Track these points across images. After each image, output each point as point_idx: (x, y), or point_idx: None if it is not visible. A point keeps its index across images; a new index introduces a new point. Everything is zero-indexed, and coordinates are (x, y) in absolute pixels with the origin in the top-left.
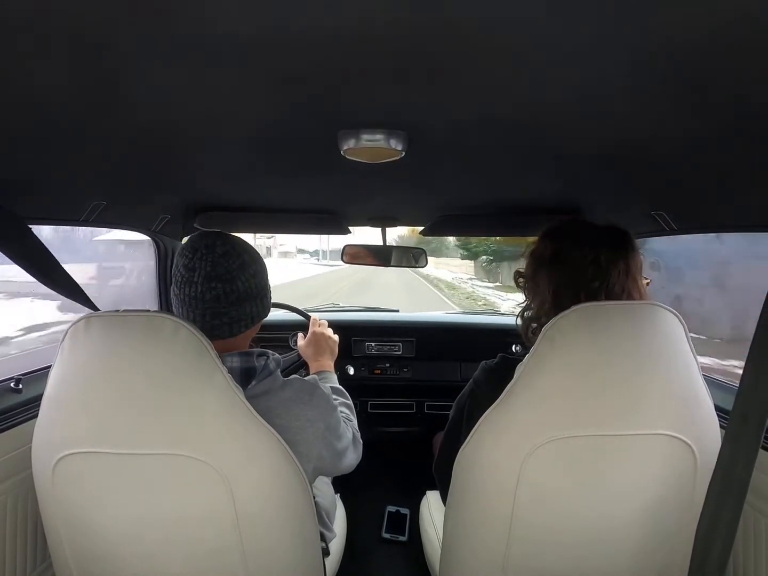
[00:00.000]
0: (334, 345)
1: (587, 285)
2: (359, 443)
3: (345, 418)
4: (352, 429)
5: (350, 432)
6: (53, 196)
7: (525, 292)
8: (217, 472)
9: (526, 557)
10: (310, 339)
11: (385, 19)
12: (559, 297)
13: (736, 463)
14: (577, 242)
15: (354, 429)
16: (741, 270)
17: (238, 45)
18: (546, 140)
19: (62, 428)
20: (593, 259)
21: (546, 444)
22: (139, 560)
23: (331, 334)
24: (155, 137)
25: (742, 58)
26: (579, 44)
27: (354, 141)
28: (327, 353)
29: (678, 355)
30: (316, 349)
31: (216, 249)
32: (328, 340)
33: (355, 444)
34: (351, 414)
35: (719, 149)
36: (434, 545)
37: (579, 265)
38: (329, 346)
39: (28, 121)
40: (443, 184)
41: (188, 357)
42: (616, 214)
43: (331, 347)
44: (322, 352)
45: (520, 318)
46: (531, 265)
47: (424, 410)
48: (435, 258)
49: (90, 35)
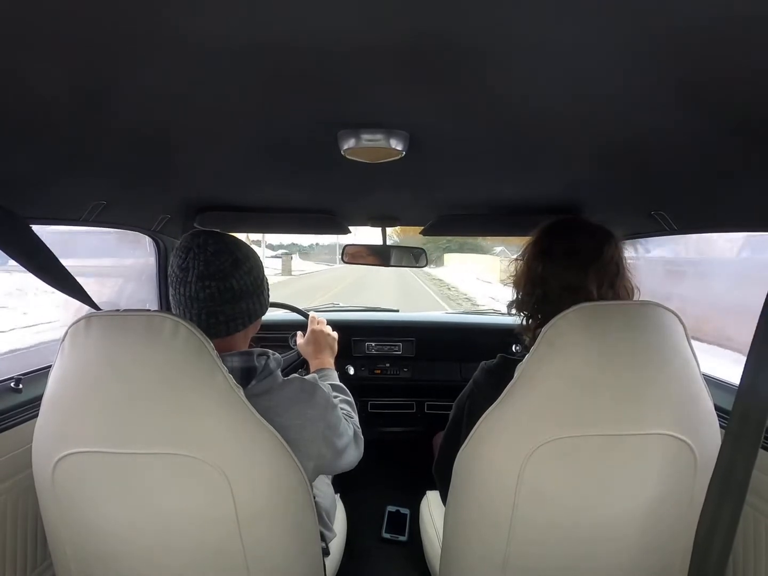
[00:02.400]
0: (334, 342)
1: (575, 283)
2: (360, 439)
3: (346, 415)
4: (353, 425)
5: (351, 429)
6: (53, 195)
7: (514, 289)
8: (217, 472)
9: (526, 557)
10: (309, 337)
11: (386, 19)
12: (547, 295)
13: (736, 463)
14: (563, 240)
15: (355, 425)
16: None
17: (239, 45)
18: (546, 140)
19: (62, 428)
20: (578, 257)
21: (546, 444)
22: (139, 560)
23: (330, 332)
24: (155, 137)
25: (742, 58)
26: (578, 45)
27: (354, 141)
28: (327, 350)
29: (678, 354)
30: (315, 347)
31: (208, 248)
32: (327, 337)
33: (356, 441)
34: (352, 410)
35: (719, 149)
36: (434, 545)
37: (564, 264)
38: (329, 343)
39: (28, 121)
40: (443, 184)
41: (188, 356)
42: (617, 214)
43: (331, 344)
44: (322, 350)
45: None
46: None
47: (424, 410)
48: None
49: (90, 36)
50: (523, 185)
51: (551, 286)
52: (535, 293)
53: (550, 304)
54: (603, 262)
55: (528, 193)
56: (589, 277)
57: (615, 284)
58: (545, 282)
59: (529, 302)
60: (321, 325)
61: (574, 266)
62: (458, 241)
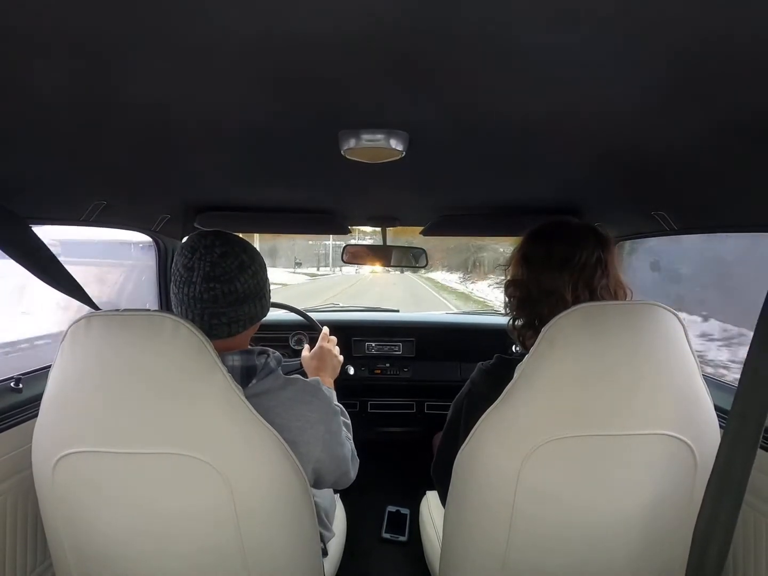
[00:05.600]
0: (338, 365)
1: (550, 287)
2: (356, 460)
3: (344, 435)
4: (350, 444)
5: (350, 444)
6: (53, 195)
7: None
8: (217, 471)
9: (525, 557)
10: (316, 352)
11: (386, 19)
12: (528, 298)
13: (734, 463)
14: (540, 246)
15: (351, 446)
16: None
17: (238, 45)
18: (546, 140)
19: (62, 428)
20: (550, 261)
21: (546, 444)
22: (139, 559)
23: (337, 354)
24: (155, 137)
25: (741, 58)
26: (578, 46)
27: (354, 141)
28: (329, 371)
29: (678, 355)
30: (319, 364)
31: (215, 249)
32: (334, 359)
33: (352, 460)
34: (349, 432)
35: (719, 150)
36: (434, 545)
37: (540, 268)
38: (332, 364)
39: (29, 120)
40: (443, 184)
41: (188, 356)
42: (617, 214)
43: (335, 366)
44: (325, 368)
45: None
46: (513, 266)
47: (424, 410)
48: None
49: (90, 36)
50: (524, 186)
51: (531, 291)
52: (517, 296)
53: (531, 307)
54: (577, 266)
55: (528, 194)
56: (563, 280)
57: (593, 286)
58: (526, 286)
59: (513, 304)
60: (331, 344)
61: (547, 271)
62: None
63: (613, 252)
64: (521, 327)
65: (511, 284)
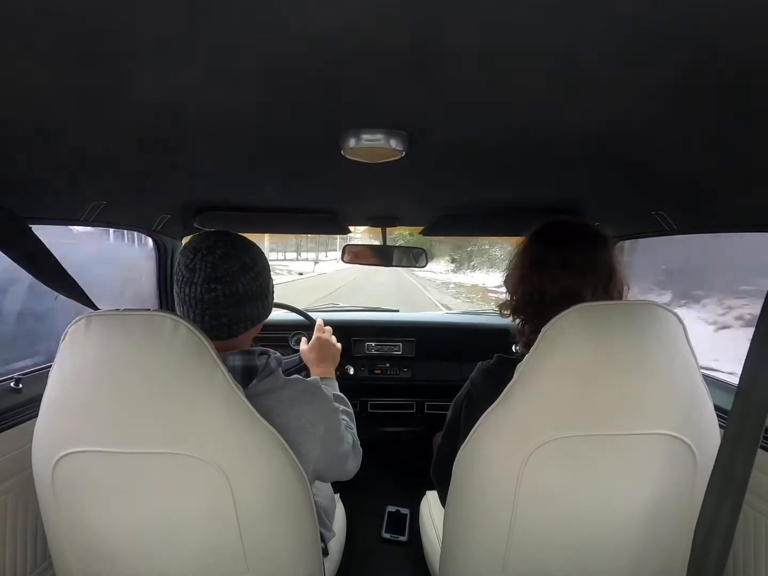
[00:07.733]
0: (337, 353)
1: (571, 290)
2: (359, 451)
3: (345, 425)
4: (352, 436)
5: (350, 437)
6: (53, 195)
7: (509, 290)
8: (217, 471)
9: (525, 557)
10: (313, 344)
11: (386, 19)
12: (544, 301)
13: (735, 463)
14: (558, 249)
15: (354, 436)
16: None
17: (238, 45)
18: (546, 140)
19: (62, 427)
20: (573, 266)
21: (546, 444)
22: (140, 559)
23: (335, 342)
24: (155, 137)
25: (741, 58)
26: (577, 45)
27: (354, 141)
28: (329, 360)
29: (678, 355)
30: (318, 355)
31: (217, 250)
32: (332, 347)
33: (354, 451)
34: (351, 422)
35: (719, 149)
36: (434, 545)
37: (560, 273)
38: (332, 353)
39: (29, 120)
40: (443, 184)
41: (188, 356)
42: (617, 214)
43: (334, 355)
44: (324, 359)
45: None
46: (513, 266)
47: (424, 410)
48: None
49: (90, 36)
50: (523, 185)
51: (548, 293)
52: (532, 299)
53: (547, 310)
54: (598, 269)
55: (528, 194)
56: (585, 282)
57: (608, 288)
58: (542, 289)
59: (526, 308)
60: (327, 334)
61: (570, 275)
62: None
63: (616, 251)
64: (531, 330)
65: (523, 287)
